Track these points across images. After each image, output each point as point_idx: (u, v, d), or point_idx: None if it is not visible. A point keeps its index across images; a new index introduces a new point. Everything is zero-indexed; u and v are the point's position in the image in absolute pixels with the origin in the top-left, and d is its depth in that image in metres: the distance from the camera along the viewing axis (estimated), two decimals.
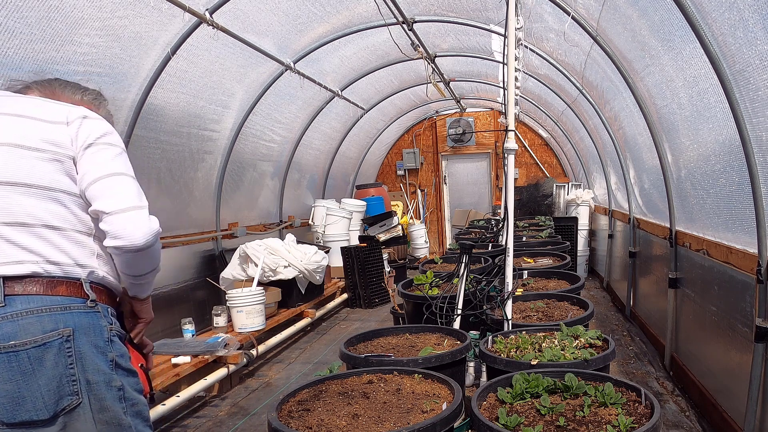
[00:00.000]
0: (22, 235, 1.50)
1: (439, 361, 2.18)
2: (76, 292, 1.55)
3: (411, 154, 11.12)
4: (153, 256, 1.67)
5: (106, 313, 1.61)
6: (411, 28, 5.32)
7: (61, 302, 1.52)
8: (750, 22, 2.45)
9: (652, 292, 5.10)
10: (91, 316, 1.56)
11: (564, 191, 8.91)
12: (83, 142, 1.60)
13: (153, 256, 1.67)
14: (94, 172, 1.57)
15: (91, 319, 1.55)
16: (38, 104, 1.63)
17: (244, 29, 4.61)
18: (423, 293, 3.27)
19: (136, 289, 1.75)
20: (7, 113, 1.57)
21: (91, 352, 1.52)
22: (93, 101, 1.86)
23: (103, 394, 1.53)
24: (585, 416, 1.70)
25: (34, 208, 1.51)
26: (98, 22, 3.43)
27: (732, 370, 3.14)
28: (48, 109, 1.62)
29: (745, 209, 2.84)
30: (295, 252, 5.79)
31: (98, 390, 1.52)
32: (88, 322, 1.54)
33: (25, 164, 1.51)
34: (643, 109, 4.33)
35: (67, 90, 1.83)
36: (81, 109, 1.66)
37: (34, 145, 1.53)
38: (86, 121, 1.63)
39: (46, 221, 1.53)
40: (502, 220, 3.26)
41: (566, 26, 4.49)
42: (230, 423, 3.84)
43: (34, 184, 1.51)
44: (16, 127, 1.54)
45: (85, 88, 1.89)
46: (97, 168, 1.58)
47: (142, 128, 4.33)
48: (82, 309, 1.54)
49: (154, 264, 1.70)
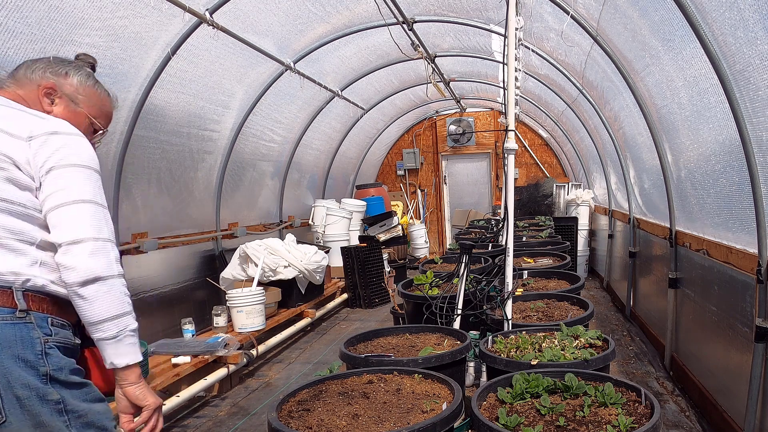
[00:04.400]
0: None
1: (439, 361, 2.18)
2: (5, 301, 1.44)
3: (411, 154, 11.12)
4: (106, 297, 1.49)
5: (43, 323, 1.49)
6: (411, 28, 5.32)
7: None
8: (750, 21, 2.45)
9: (652, 292, 5.09)
10: (18, 327, 1.44)
11: (564, 191, 8.91)
12: (43, 163, 1.49)
13: (106, 297, 1.49)
14: (52, 200, 1.48)
15: (18, 331, 1.44)
16: (2, 113, 1.54)
17: (244, 29, 4.61)
18: (423, 293, 3.27)
19: (107, 349, 1.52)
20: None
21: (16, 366, 1.41)
22: (58, 72, 1.72)
23: (37, 409, 1.42)
24: (585, 416, 1.70)
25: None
26: (98, 22, 3.43)
27: (732, 370, 3.14)
28: (12, 120, 1.52)
29: (745, 209, 2.84)
30: (295, 252, 5.79)
31: (31, 405, 1.42)
32: (13, 334, 1.43)
33: None
34: (643, 109, 4.33)
35: (35, 72, 1.70)
36: (51, 123, 1.55)
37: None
38: (52, 139, 1.52)
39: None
40: (502, 220, 3.26)
41: (566, 26, 4.49)
42: (230, 423, 3.84)
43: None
44: None
45: (50, 61, 1.74)
46: (56, 195, 1.48)
47: (142, 128, 4.33)
48: (7, 320, 1.43)
49: (114, 308, 1.50)
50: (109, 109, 1.85)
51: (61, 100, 1.71)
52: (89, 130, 1.77)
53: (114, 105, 1.87)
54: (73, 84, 1.74)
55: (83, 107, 1.75)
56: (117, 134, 4.13)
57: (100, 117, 1.80)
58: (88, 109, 1.76)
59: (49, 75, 1.71)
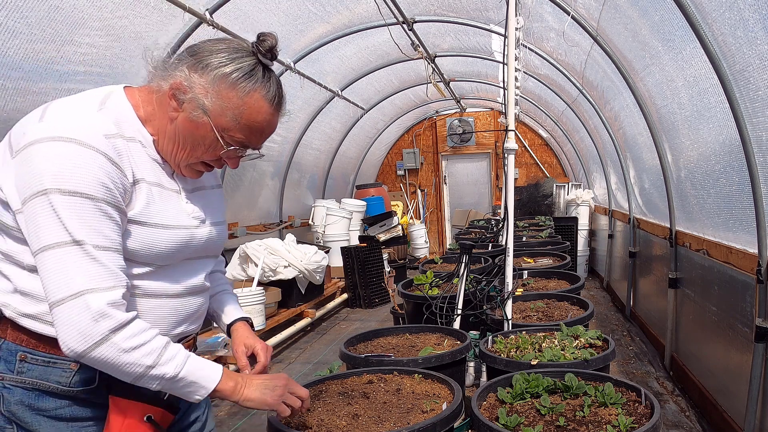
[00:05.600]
0: None
1: (439, 361, 2.18)
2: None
3: (411, 154, 11.12)
4: (108, 369, 1.17)
5: (9, 356, 1.24)
6: (411, 28, 5.33)
7: None
8: (750, 21, 2.45)
9: (652, 292, 5.10)
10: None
11: (564, 191, 8.91)
12: (20, 191, 1.15)
13: (108, 369, 1.17)
14: (32, 244, 1.15)
15: None
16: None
17: (244, 29, 4.61)
18: (423, 293, 3.27)
19: (176, 394, 1.27)
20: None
21: None
22: (197, 64, 1.26)
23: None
24: (585, 416, 1.70)
25: None
26: (98, 22, 3.43)
27: (732, 370, 3.14)
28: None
29: (745, 209, 2.84)
30: (295, 252, 5.79)
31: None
32: None
33: None
34: (643, 109, 4.33)
35: (180, 62, 1.29)
36: (35, 131, 1.14)
37: None
38: (26, 157, 1.13)
39: None
40: (502, 220, 3.25)
41: (566, 26, 4.49)
42: (230, 423, 3.83)
43: None
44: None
45: (207, 46, 1.29)
46: (34, 238, 1.14)
47: None
48: None
49: (127, 375, 1.18)
50: (258, 120, 1.29)
51: (188, 105, 1.26)
52: (216, 146, 1.30)
53: (272, 113, 1.31)
54: (204, 83, 1.25)
55: (211, 116, 1.26)
56: None
57: (234, 130, 1.28)
58: (217, 119, 1.26)
59: (185, 68, 1.26)
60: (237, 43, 1.29)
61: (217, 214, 1.49)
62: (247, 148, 1.34)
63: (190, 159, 1.32)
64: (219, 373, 1.29)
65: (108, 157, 1.17)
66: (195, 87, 1.25)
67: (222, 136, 1.28)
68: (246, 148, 1.34)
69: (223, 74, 1.24)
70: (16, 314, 1.24)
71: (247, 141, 1.31)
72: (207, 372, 1.27)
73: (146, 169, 1.28)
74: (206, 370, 1.27)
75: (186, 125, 1.27)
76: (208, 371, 1.27)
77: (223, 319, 1.64)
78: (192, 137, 1.28)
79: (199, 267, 1.44)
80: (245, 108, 1.26)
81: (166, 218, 1.30)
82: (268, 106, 1.29)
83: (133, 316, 1.19)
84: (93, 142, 1.15)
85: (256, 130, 1.31)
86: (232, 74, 1.24)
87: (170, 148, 1.31)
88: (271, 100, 1.29)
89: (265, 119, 1.30)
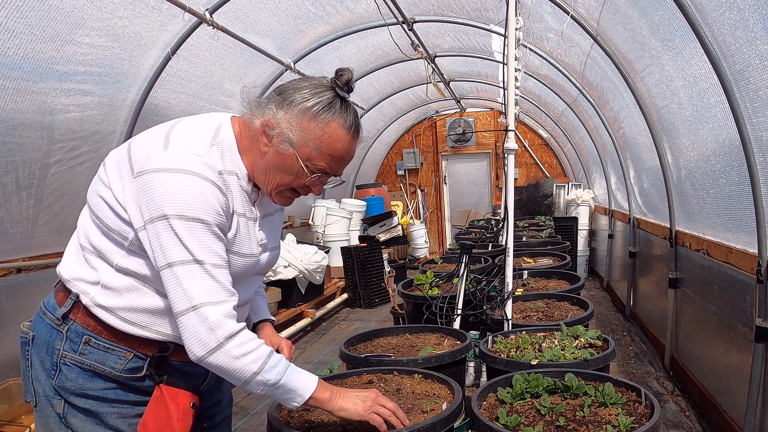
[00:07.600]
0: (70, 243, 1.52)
1: (439, 361, 2.18)
2: (62, 303, 1.45)
3: (411, 154, 11.12)
4: (221, 372, 1.35)
5: (76, 337, 1.42)
6: (411, 28, 5.33)
7: (47, 306, 1.47)
8: (750, 21, 2.45)
9: (652, 292, 5.10)
10: (51, 331, 1.44)
11: (564, 191, 8.91)
12: (144, 211, 1.32)
13: (221, 372, 1.35)
14: (157, 259, 1.33)
15: (49, 335, 1.44)
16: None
17: (244, 29, 4.62)
18: (423, 293, 3.27)
19: (277, 399, 1.46)
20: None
21: (39, 367, 1.44)
22: (283, 101, 1.41)
23: (47, 411, 1.44)
24: (585, 416, 1.70)
25: (81, 220, 1.49)
26: (98, 22, 3.43)
27: (732, 370, 3.14)
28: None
29: (745, 209, 2.84)
30: (295, 252, 5.79)
31: (43, 405, 1.45)
32: (44, 336, 1.44)
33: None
34: (643, 109, 4.34)
35: (269, 100, 1.43)
36: (161, 160, 1.32)
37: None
38: (152, 182, 1.31)
39: (78, 237, 1.48)
40: (502, 220, 3.25)
41: (566, 26, 4.49)
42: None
43: (89, 202, 1.47)
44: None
45: (293, 84, 1.43)
46: (159, 254, 1.32)
47: (143, 128, 4.26)
48: (49, 321, 1.44)
49: (236, 379, 1.35)
50: (338, 148, 1.42)
51: (276, 140, 1.40)
52: (302, 175, 1.44)
53: (350, 141, 1.44)
54: (289, 118, 1.39)
55: (296, 147, 1.40)
56: (117, 134, 4.13)
57: (316, 158, 1.41)
58: (301, 150, 1.40)
59: (273, 106, 1.40)
60: (318, 80, 1.44)
61: (276, 239, 1.66)
62: (329, 176, 1.49)
63: (280, 188, 1.47)
64: (314, 382, 1.45)
65: (221, 189, 1.36)
66: (282, 122, 1.39)
67: (306, 165, 1.42)
68: (328, 176, 1.48)
69: (306, 108, 1.38)
70: (92, 303, 1.40)
71: (329, 168, 1.45)
72: (304, 381, 1.43)
73: (238, 201, 1.44)
74: (303, 379, 1.44)
75: (275, 158, 1.42)
76: (305, 381, 1.44)
77: (251, 318, 1.79)
78: (281, 168, 1.43)
79: (254, 282, 1.63)
80: (325, 137, 1.40)
81: (244, 247, 1.47)
82: (345, 133, 1.42)
83: (242, 327, 1.36)
84: (210, 176, 1.34)
85: (336, 157, 1.44)
86: (313, 107, 1.38)
87: (263, 178, 1.46)
88: (349, 128, 1.43)
89: (343, 146, 1.44)
